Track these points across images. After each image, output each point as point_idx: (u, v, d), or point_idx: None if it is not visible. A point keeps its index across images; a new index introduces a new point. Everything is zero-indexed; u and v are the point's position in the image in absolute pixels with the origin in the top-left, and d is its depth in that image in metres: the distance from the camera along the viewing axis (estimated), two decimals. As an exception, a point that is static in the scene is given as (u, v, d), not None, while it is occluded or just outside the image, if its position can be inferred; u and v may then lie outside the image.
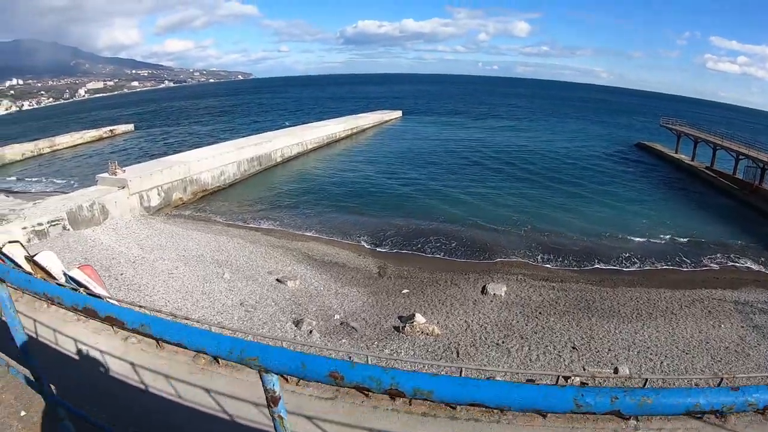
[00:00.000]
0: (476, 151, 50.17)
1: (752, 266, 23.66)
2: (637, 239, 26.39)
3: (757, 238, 26.80)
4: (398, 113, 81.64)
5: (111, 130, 65.75)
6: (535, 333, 15.66)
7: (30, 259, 12.46)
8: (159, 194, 30.88)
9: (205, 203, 32.65)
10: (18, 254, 12.44)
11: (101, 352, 8.91)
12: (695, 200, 35.31)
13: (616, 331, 15.92)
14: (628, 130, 72.46)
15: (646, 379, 10.62)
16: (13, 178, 43.11)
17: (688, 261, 24.01)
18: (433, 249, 24.50)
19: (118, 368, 8.48)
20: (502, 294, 18.58)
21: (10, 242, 13.45)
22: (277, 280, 18.82)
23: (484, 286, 19.19)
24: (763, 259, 24.28)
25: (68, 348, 9.02)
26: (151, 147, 55.30)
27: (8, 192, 36.56)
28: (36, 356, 2.05)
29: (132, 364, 8.55)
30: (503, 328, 15.94)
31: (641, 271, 22.63)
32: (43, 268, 12.15)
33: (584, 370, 12.84)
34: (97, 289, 11.46)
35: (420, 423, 7.44)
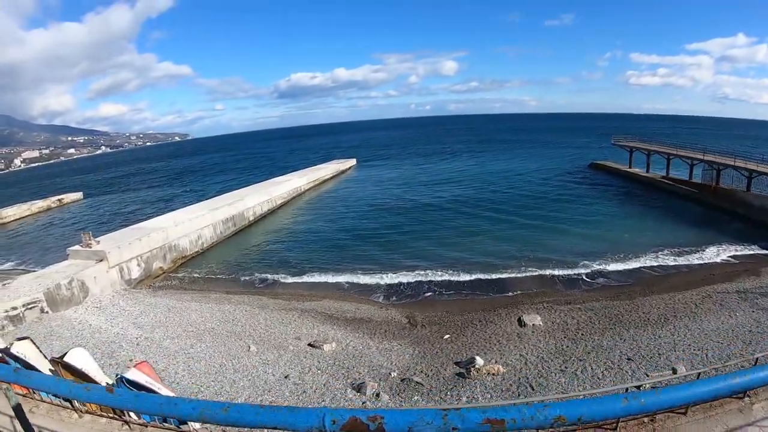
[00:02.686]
0: (442, 194, 49.98)
1: (735, 259, 26.09)
2: (627, 253, 27.58)
3: (730, 232, 29.97)
4: (353, 161, 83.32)
5: (59, 200, 61.64)
6: (589, 353, 15.63)
7: (58, 361, 9.73)
8: (139, 265, 28.54)
9: (187, 271, 30.44)
10: (31, 354, 9.36)
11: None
12: (662, 208, 38.11)
13: (656, 336, 16.51)
14: (575, 155, 76.85)
15: (699, 373, 10.71)
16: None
17: (681, 264, 25.84)
18: (448, 292, 23.95)
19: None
20: (540, 323, 18.43)
21: (18, 339, 11.03)
22: (310, 345, 17.40)
23: (520, 318, 18.94)
24: (741, 249, 27.19)
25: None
26: (106, 214, 51.73)
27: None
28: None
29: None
30: (559, 355, 15.73)
31: (644, 280, 23.81)
32: (77, 372, 9.31)
33: (647, 376, 12.94)
34: (163, 391, 9.40)
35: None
